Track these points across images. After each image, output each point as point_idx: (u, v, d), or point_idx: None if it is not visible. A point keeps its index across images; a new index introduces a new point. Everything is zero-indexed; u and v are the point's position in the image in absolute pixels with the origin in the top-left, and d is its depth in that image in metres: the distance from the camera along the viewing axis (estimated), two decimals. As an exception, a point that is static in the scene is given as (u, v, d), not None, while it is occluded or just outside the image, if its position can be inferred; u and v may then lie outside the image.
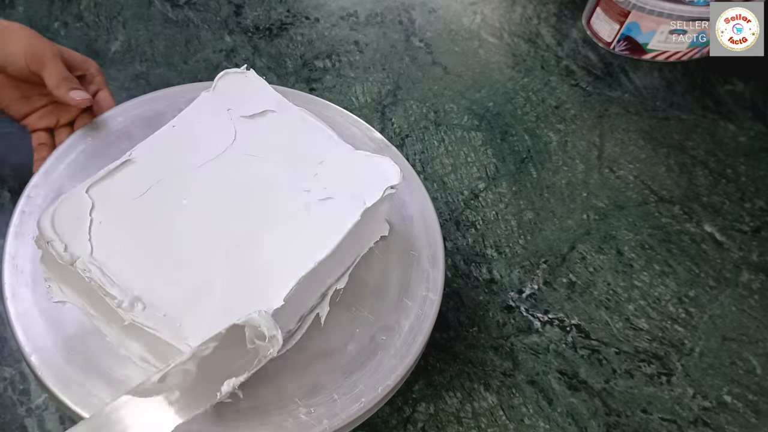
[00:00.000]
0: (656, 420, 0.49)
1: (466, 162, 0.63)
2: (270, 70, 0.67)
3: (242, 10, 0.73)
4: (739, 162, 0.67)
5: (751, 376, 0.53)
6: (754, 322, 0.56)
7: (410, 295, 0.42)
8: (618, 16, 0.73)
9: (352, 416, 0.36)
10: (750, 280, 0.58)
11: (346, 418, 0.36)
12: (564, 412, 0.49)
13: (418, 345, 0.40)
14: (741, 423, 0.50)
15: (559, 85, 0.72)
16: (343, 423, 0.36)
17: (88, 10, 0.69)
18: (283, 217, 0.39)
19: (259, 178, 0.41)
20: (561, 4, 0.81)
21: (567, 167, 0.64)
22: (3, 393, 0.44)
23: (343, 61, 0.69)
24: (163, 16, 0.70)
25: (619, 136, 0.68)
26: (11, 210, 0.41)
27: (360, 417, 0.37)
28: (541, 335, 0.52)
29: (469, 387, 0.49)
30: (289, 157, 0.42)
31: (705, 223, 0.62)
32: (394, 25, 0.74)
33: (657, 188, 0.64)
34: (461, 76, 0.71)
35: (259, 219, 0.39)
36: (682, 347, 0.53)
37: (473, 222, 0.59)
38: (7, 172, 0.55)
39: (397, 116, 0.66)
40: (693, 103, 0.72)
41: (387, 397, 0.38)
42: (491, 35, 0.76)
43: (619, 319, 0.54)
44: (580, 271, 0.57)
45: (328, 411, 0.36)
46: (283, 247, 0.38)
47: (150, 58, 0.66)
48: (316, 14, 0.74)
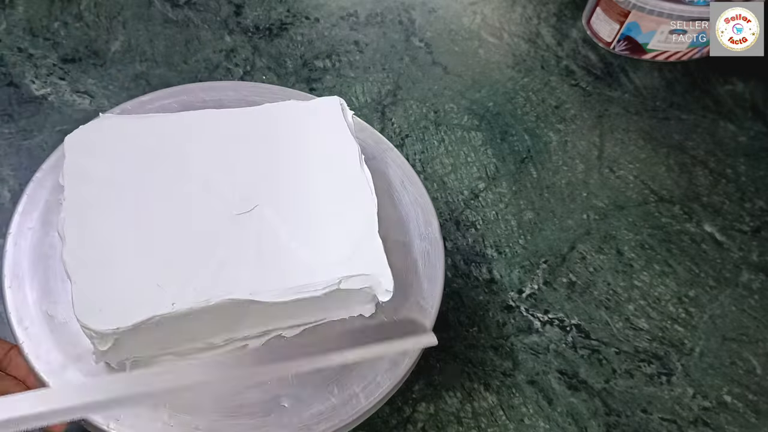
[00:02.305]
0: (656, 420, 0.49)
1: (466, 162, 0.63)
2: (270, 70, 0.67)
3: (242, 10, 0.73)
4: (739, 162, 0.67)
5: (751, 376, 0.53)
6: (754, 322, 0.56)
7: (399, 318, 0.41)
8: (618, 16, 0.73)
9: (352, 416, 0.36)
10: (750, 280, 0.58)
11: (345, 418, 0.36)
12: (564, 412, 0.49)
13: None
14: (741, 423, 0.50)
15: (559, 85, 0.72)
16: (343, 423, 0.36)
17: (88, 10, 0.69)
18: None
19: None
20: (561, 4, 0.81)
21: (567, 167, 0.64)
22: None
23: (343, 61, 0.69)
24: (163, 16, 0.70)
25: (619, 136, 0.68)
26: (11, 210, 0.41)
27: (360, 417, 0.37)
28: (541, 335, 0.52)
29: (469, 387, 0.49)
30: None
31: (705, 223, 0.62)
32: (394, 25, 0.74)
33: (657, 188, 0.64)
34: (461, 76, 0.71)
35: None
36: (682, 347, 0.53)
37: (473, 222, 0.59)
38: (7, 172, 0.55)
39: (397, 116, 0.66)
40: (693, 103, 0.72)
41: (387, 397, 0.38)
42: (491, 35, 0.76)
43: (619, 319, 0.54)
44: (580, 271, 0.57)
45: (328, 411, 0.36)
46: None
47: (150, 58, 0.66)
48: (316, 14, 0.74)
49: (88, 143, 0.39)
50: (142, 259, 0.35)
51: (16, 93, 0.60)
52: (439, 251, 0.43)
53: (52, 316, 0.37)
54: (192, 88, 0.49)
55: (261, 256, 0.36)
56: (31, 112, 0.59)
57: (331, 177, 0.41)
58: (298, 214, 0.39)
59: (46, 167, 0.42)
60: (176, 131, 0.41)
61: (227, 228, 0.37)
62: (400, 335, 0.32)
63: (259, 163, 0.41)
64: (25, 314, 0.36)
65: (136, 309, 0.33)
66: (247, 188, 0.39)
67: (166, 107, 0.46)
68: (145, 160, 0.39)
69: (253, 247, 0.37)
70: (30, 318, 0.36)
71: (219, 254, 0.36)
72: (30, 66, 0.63)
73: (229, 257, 0.36)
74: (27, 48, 0.64)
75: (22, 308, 0.37)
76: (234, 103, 0.47)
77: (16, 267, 0.38)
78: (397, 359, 0.38)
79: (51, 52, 0.64)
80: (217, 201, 0.38)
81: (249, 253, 0.36)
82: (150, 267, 0.35)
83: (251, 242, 0.37)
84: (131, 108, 0.46)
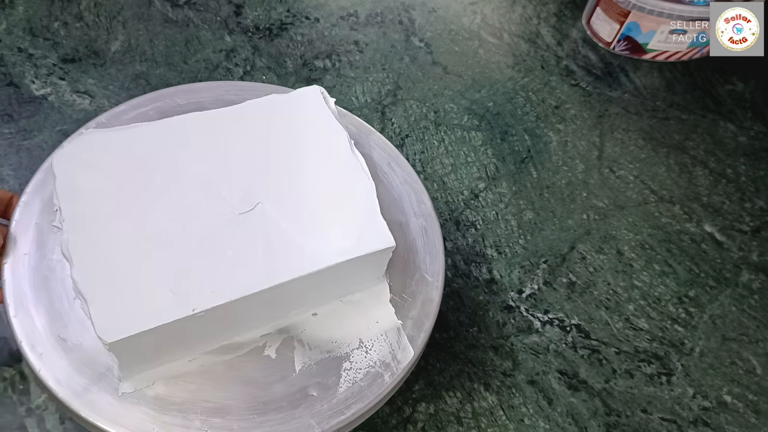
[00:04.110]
0: (656, 420, 0.49)
1: (466, 162, 0.63)
2: (270, 70, 0.67)
3: (242, 10, 0.73)
4: (739, 162, 0.67)
5: (751, 376, 0.53)
6: (754, 322, 0.56)
7: (410, 294, 0.42)
8: (618, 16, 0.73)
9: (352, 416, 0.36)
10: (750, 280, 0.58)
11: (346, 417, 0.36)
12: (564, 412, 0.49)
13: (418, 345, 0.40)
14: (741, 423, 0.50)
15: (559, 85, 0.72)
16: (343, 423, 0.36)
17: (88, 10, 0.69)
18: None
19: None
20: (561, 4, 0.81)
21: (567, 167, 0.64)
22: (3, 393, 0.44)
23: (343, 61, 0.69)
24: (163, 16, 0.70)
25: (619, 136, 0.68)
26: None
27: (360, 417, 0.37)
28: (541, 335, 0.52)
29: (469, 387, 0.49)
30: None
31: (705, 223, 0.62)
32: (394, 25, 0.74)
33: (657, 188, 0.64)
34: (461, 76, 0.71)
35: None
36: (682, 347, 0.53)
37: (473, 222, 0.59)
38: (7, 172, 0.55)
39: (397, 116, 0.66)
40: (693, 103, 0.72)
41: (387, 397, 0.38)
42: (491, 35, 0.76)
43: (619, 319, 0.54)
44: (580, 271, 0.57)
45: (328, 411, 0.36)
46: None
47: (150, 58, 0.66)
48: (316, 14, 0.74)
49: (77, 160, 0.39)
50: (154, 267, 0.35)
51: (16, 93, 0.60)
52: (435, 226, 0.45)
53: (64, 339, 0.36)
54: (167, 93, 0.48)
55: (269, 251, 0.36)
56: (31, 112, 0.59)
57: (325, 165, 0.41)
58: (299, 206, 0.39)
59: (31, 190, 0.41)
60: (164, 138, 0.41)
61: (232, 228, 0.37)
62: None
63: (252, 160, 0.41)
64: (36, 340, 0.36)
65: (155, 316, 0.33)
66: (245, 186, 0.39)
67: (144, 115, 0.46)
68: (138, 170, 0.39)
69: (260, 243, 0.37)
70: (42, 344, 0.36)
71: (228, 254, 0.36)
72: (30, 66, 0.63)
73: (238, 256, 0.36)
74: (27, 48, 0.64)
75: (32, 335, 0.36)
76: (212, 104, 0.47)
77: (19, 294, 0.37)
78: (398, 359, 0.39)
79: (51, 52, 0.64)
80: (218, 202, 0.38)
81: (257, 250, 0.36)
82: (163, 274, 0.35)
83: (258, 239, 0.37)
84: (106, 120, 0.45)
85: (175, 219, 0.37)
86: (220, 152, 0.41)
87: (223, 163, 0.40)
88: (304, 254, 0.36)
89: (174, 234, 0.36)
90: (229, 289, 0.34)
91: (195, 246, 0.36)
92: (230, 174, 0.40)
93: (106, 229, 0.36)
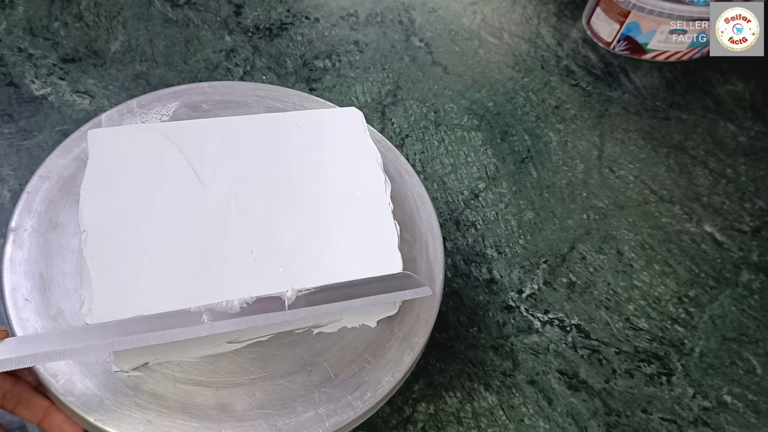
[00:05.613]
0: (656, 420, 0.49)
1: (466, 162, 0.63)
2: (270, 70, 0.67)
3: (242, 10, 0.73)
4: (739, 162, 0.67)
5: (751, 376, 0.52)
6: (754, 322, 0.56)
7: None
8: (618, 16, 0.73)
9: (352, 416, 0.36)
10: (750, 280, 0.58)
11: (345, 417, 0.36)
12: (564, 412, 0.49)
13: (418, 345, 0.40)
14: (741, 423, 0.50)
15: (559, 85, 0.72)
16: (343, 423, 0.36)
17: (88, 10, 0.69)
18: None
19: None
20: (561, 4, 0.81)
21: (567, 167, 0.64)
22: (3, 393, 0.44)
23: (343, 61, 0.69)
24: (163, 16, 0.70)
25: (619, 136, 0.68)
26: (11, 210, 0.41)
27: (360, 417, 0.37)
28: (541, 335, 0.52)
29: (469, 387, 0.49)
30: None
31: (705, 223, 0.62)
32: (394, 25, 0.74)
33: (657, 188, 0.64)
34: (461, 76, 0.71)
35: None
36: (682, 347, 0.53)
37: (473, 222, 0.59)
38: (7, 172, 0.55)
39: (397, 116, 0.66)
40: (693, 103, 0.72)
41: (387, 397, 0.38)
42: (491, 35, 0.76)
43: (619, 319, 0.54)
44: (580, 271, 0.57)
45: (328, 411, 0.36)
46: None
47: (150, 58, 0.66)
48: (316, 14, 0.74)
49: (110, 145, 0.40)
50: (162, 262, 0.36)
51: (16, 93, 0.60)
52: (429, 207, 0.46)
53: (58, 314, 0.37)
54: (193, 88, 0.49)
55: (281, 261, 0.37)
56: (31, 112, 0.59)
57: (351, 183, 0.42)
58: (318, 220, 0.39)
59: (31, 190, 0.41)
60: (197, 137, 0.41)
61: (250, 233, 0.38)
62: (398, 288, 0.37)
63: (281, 169, 0.41)
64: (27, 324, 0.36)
65: (156, 303, 0.34)
66: (269, 194, 0.40)
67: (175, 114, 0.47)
68: (167, 165, 0.40)
69: (274, 252, 0.37)
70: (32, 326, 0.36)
71: (240, 261, 0.36)
72: (30, 66, 0.63)
73: (250, 263, 0.36)
74: (27, 48, 0.64)
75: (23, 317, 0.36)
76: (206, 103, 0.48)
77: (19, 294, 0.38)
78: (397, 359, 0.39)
79: (51, 52, 0.64)
80: (240, 207, 0.39)
81: (272, 259, 0.37)
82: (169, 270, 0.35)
83: (273, 247, 0.37)
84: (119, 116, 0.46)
85: (194, 218, 0.37)
86: (249, 159, 0.41)
87: (250, 170, 0.41)
88: (313, 270, 0.37)
89: (192, 233, 0.37)
90: (238, 292, 0.35)
91: (211, 247, 0.37)
92: (256, 181, 0.40)
93: (125, 216, 0.37)
